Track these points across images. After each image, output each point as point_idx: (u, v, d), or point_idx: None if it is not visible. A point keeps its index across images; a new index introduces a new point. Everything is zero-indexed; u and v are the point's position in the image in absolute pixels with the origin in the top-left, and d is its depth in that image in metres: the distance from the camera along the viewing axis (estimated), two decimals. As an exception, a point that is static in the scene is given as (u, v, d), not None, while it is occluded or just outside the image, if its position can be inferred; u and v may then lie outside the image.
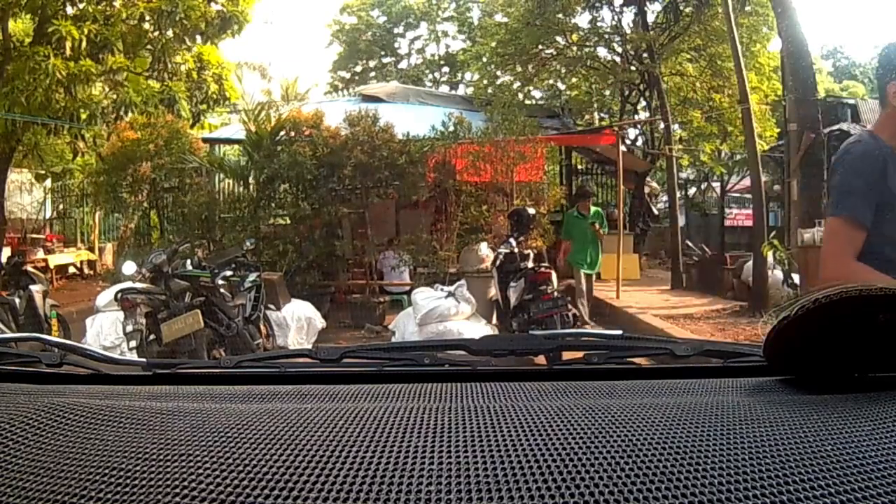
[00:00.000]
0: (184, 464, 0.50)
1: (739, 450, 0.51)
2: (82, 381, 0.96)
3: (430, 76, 24.86)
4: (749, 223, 11.20)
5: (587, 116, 15.82)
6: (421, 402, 0.75)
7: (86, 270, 11.72)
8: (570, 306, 5.20)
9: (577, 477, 0.47)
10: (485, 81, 15.17)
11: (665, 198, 14.11)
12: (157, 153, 7.62)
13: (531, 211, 6.47)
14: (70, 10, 7.93)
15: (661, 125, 11.90)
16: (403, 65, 25.39)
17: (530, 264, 5.47)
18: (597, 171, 14.76)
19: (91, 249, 12.37)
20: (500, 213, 7.78)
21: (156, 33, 8.14)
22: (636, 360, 1.08)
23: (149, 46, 8.20)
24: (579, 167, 14.79)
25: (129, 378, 1.01)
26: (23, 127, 7.74)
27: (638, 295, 8.51)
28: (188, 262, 4.99)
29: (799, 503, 0.45)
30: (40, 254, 10.19)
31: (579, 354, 1.06)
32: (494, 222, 7.89)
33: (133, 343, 4.20)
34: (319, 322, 6.36)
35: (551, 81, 15.45)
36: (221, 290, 4.89)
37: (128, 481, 0.48)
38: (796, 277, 6.58)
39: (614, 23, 12.99)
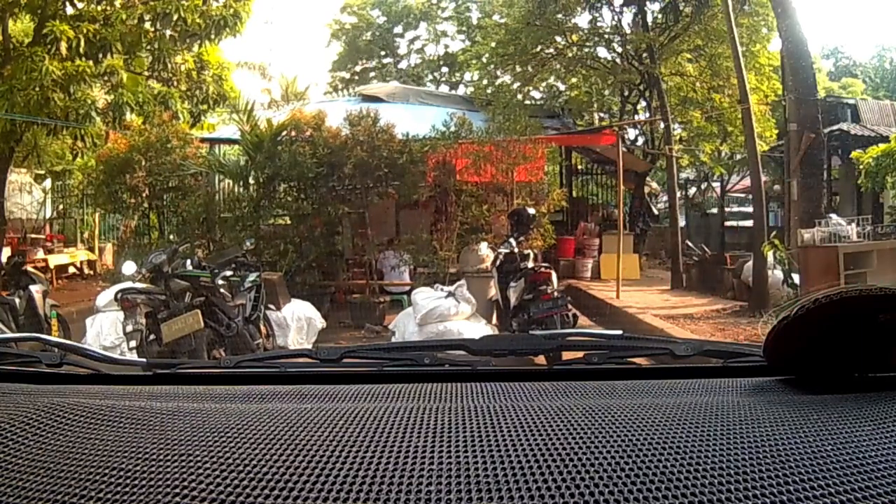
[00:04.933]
0: (184, 464, 0.50)
1: (739, 450, 0.51)
2: (82, 381, 0.96)
3: (430, 76, 24.86)
4: (749, 223, 11.19)
5: (587, 116, 15.82)
6: (421, 403, 0.75)
7: (86, 270, 11.72)
8: (570, 306, 5.19)
9: (577, 477, 0.47)
10: (485, 81, 15.18)
11: (665, 198, 14.12)
12: (154, 156, 7.63)
13: (531, 211, 6.47)
14: (70, 11, 7.93)
15: (661, 125, 11.89)
16: (403, 65, 25.38)
17: (530, 264, 5.47)
18: (597, 171, 14.77)
19: (91, 249, 12.36)
20: (500, 213, 7.77)
21: (155, 33, 8.13)
22: (636, 360, 1.08)
23: (148, 47, 8.19)
24: (579, 167, 14.80)
25: (129, 378, 1.01)
26: (23, 127, 7.74)
27: (638, 295, 8.51)
28: (188, 262, 4.98)
29: (799, 503, 0.45)
30: (40, 254, 10.18)
31: (579, 354, 1.07)
32: (494, 222, 7.89)
33: (133, 343, 4.20)
34: (319, 322, 6.36)
35: (551, 81, 15.45)
36: (221, 290, 4.89)
37: (128, 481, 0.48)
38: (796, 277, 6.58)
39: (614, 23, 12.99)
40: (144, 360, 1.11)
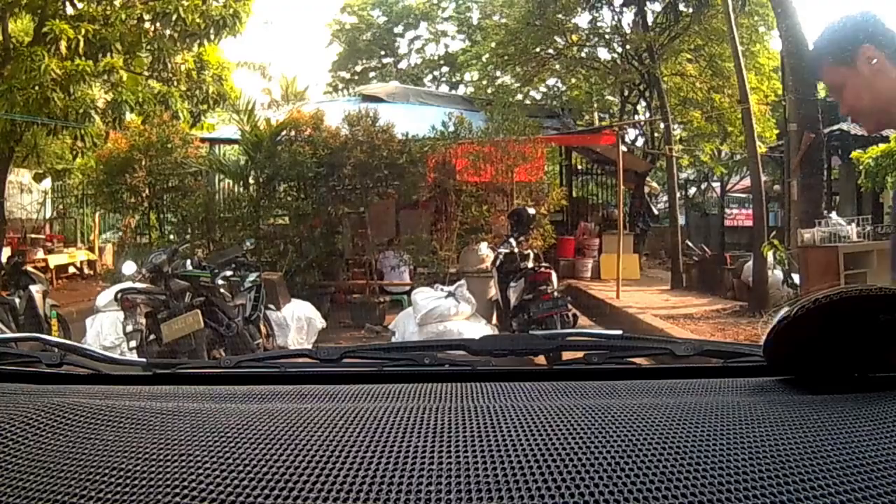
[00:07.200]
0: (184, 464, 0.50)
1: (739, 450, 0.51)
2: (82, 381, 0.96)
3: (430, 76, 24.87)
4: (749, 223, 11.19)
5: (587, 116, 15.83)
6: (421, 402, 0.75)
7: (86, 270, 11.72)
8: (570, 306, 5.19)
9: (577, 477, 0.47)
10: (485, 82, 15.19)
11: (665, 198, 14.12)
12: (154, 156, 7.63)
13: (531, 211, 6.47)
14: (70, 11, 7.93)
15: (661, 125, 11.90)
16: (403, 65, 25.39)
17: (530, 264, 5.47)
18: (597, 171, 14.78)
19: (91, 249, 12.36)
20: (500, 213, 7.77)
21: (155, 33, 8.13)
22: (636, 360, 1.08)
23: (148, 47, 8.19)
24: (579, 167, 14.81)
25: (129, 378, 1.01)
26: (23, 127, 7.74)
27: (638, 295, 8.51)
28: (188, 262, 4.98)
29: (799, 503, 0.45)
30: (40, 254, 10.18)
31: (579, 354, 1.06)
32: (494, 222, 7.89)
33: (133, 343, 4.20)
34: (319, 322, 6.36)
35: (551, 82, 15.45)
36: (221, 290, 4.89)
37: (128, 481, 0.48)
38: (796, 277, 6.58)
39: (614, 23, 13.00)
40: (144, 360, 1.11)
